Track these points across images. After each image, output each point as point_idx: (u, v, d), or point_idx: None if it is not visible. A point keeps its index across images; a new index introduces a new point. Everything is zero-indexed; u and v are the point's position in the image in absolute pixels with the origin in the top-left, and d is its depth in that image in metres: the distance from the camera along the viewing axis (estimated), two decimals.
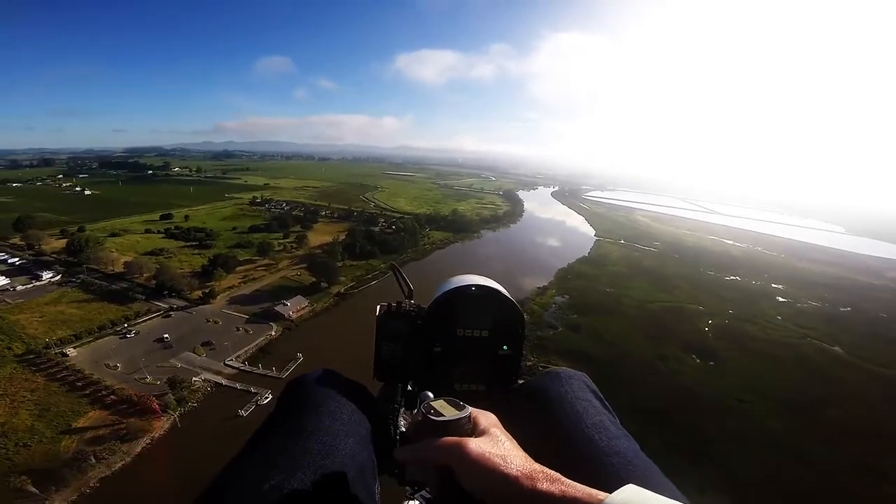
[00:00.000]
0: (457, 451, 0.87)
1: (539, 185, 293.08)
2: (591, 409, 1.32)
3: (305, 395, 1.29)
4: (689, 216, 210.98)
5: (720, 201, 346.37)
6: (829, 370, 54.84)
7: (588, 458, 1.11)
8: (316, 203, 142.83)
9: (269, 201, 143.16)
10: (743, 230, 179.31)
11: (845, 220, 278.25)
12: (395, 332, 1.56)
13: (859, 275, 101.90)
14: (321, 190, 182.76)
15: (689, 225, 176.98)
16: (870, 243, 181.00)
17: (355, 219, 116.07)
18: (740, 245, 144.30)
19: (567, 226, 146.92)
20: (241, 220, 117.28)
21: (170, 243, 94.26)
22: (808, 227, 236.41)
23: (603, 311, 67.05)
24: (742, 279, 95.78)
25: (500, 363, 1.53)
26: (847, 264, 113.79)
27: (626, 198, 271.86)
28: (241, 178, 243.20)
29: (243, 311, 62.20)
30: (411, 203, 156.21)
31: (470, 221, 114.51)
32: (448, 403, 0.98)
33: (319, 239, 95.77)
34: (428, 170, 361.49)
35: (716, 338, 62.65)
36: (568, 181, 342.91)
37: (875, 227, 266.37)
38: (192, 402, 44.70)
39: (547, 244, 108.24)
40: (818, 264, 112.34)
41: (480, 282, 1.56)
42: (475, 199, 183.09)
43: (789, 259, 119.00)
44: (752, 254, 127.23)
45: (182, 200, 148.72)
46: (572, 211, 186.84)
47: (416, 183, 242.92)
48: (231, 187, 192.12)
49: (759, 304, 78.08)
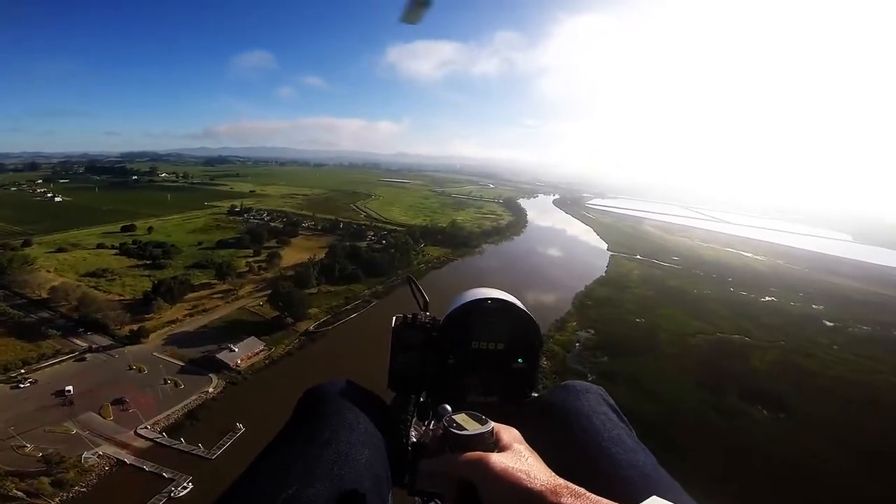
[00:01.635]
0: (480, 466, 0.86)
1: (539, 193, 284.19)
2: (608, 423, 1.30)
3: (322, 404, 1.28)
4: (698, 225, 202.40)
5: (722, 208, 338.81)
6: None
7: (606, 472, 1.09)
8: (300, 213, 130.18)
9: (248, 210, 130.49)
10: (757, 241, 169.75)
11: (850, 228, 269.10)
12: (409, 342, 1.57)
13: (888, 289, 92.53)
14: (310, 198, 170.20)
15: (701, 235, 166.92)
16: (882, 252, 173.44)
17: (341, 232, 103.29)
18: (760, 258, 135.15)
19: (575, 238, 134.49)
20: (212, 234, 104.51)
21: (120, 262, 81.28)
22: (817, 235, 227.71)
23: (637, 349, 54.35)
24: (778, 300, 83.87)
25: (514, 376, 1.53)
26: (871, 277, 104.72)
27: (630, 206, 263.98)
28: (228, 184, 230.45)
29: (179, 356, 49.10)
30: (406, 213, 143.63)
31: (469, 234, 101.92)
32: (470, 417, 0.97)
33: (295, 257, 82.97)
34: (425, 176, 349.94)
35: (774, 377, 51.92)
36: (568, 189, 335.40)
37: (880, 234, 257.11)
38: (80, 486, 32.36)
39: (556, 260, 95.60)
40: (845, 278, 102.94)
41: (496, 295, 1.56)
42: (474, 208, 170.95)
43: (815, 273, 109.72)
44: (776, 268, 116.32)
45: (154, 209, 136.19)
46: (578, 221, 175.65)
47: (411, 190, 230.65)
48: (214, 194, 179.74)
49: (807, 331, 67.15)
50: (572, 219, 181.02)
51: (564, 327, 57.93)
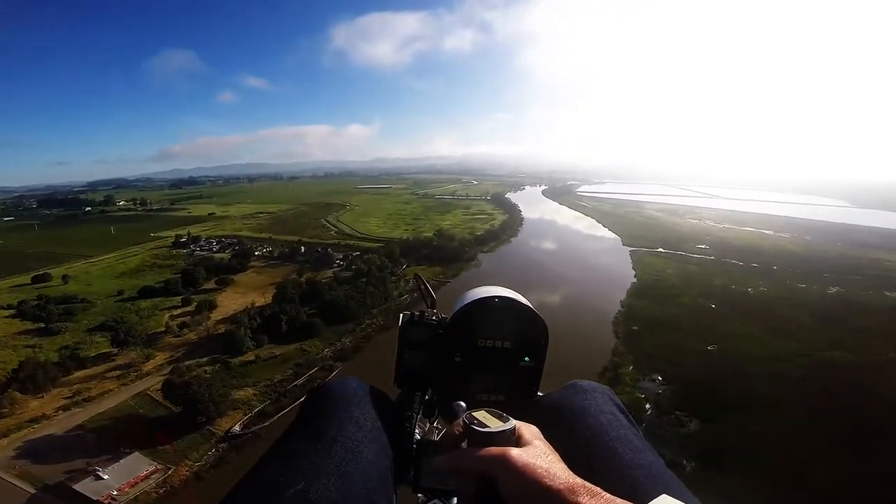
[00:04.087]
0: (503, 461, 0.85)
1: (525, 185, 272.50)
2: (615, 423, 1.29)
3: (329, 401, 1.28)
4: (699, 204, 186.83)
5: (711, 184, 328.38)
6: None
7: (613, 472, 1.08)
8: (258, 236, 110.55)
9: (196, 240, 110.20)
10: (768, 215, 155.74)
11: (845, 194, 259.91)
12: (416, 340, 1.56)
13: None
14: (275, 216, 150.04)
15: (708, 215, 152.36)
16: (887, 215, 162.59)
17: (302, 258, 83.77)
18: (784, 235, 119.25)
19: (581, 233, 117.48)
20: (143, 276, 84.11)
21: (9, 326, 61.45)
22: (817, 203, 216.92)
23: (728, 398, 36.81)
24: (846, 289, 67.75)
25: (521, 374, 1.52)
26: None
27: (620, 190, 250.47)
28: (187, 208, 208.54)
29: (32, 477, 30.19)
30: (384, 223, 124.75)
31: (461, 244, 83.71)
32: (490, 415, 0.97)
33: (238, 301, 63.65)
34: (405, 180, 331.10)
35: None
36: (552, 178, 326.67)
37: (878, 198, 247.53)
38: None
39: (569, 265, 78.01)
40: (887, 252, 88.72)
41: (503, 293, 1.54)
42: (461, 208, 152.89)
43: (851, 249, 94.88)
44: (808, 246, 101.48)
45: (90, 248, 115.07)
46: (575, 211, 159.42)
47: (391, 196, 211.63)
48: (168, 222, 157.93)
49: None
50: (568, 209, 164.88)
51: (619, 375, 40.21)
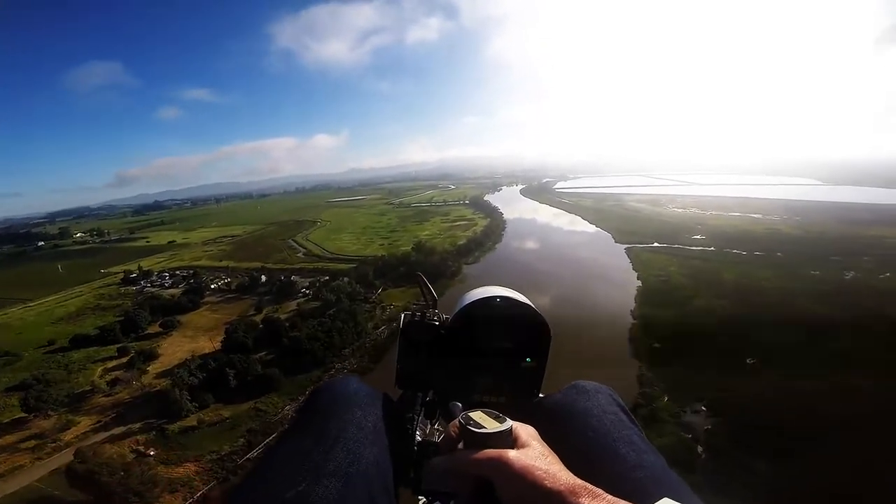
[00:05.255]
0: (499, 464, 0.84)
1: (503, 186, 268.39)
2: (618, 424, 1.27)
3: (330, 401, 1.26)
4: (677, 192, 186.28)
5: (682, 171, 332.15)
6: None
7: (616, 473, 1.07)
8: (218, 265, 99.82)
9: (147, 275, 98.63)
10: (748, 198, 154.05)
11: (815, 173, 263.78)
12: (417, 340, 1.54)
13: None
14: (240, 240, 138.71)
15: (691, 203, 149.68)
16: (865, 192, 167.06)
17: (263, 289, 73.98)
18: (773, 218, 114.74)
19: (569, 232, 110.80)
20: (83, 321, 72.97)
21: None
22: (790, 183, 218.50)
23: (799, 428, 28.85)
24: (860, 273, 62.31)
25: (522, 375, 1.50)
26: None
27: (597, 184, 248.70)
28: (147, 237, 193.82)
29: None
30: (358, 239, 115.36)
31: (442, 257, 75.48)
32: (487, 415, 0.95)
33: (185, 348, 53.73)
34: (380, 189, 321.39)
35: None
36: (528, 176, 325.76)
37: (842, 174, 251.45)
38: None
39: (565, 270, 70.69)
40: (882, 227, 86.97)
41: (505, 293, 1.53)
42: (440, 216, 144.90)
43: (846, 228, 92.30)
44: (803, 228, 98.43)
45: (30, 291, 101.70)
46: (557, 209, 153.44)
47: (365, 208, 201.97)
48: (123, 254, 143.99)
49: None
50: (549, 207, 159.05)
51: (655, 411, 32.40)
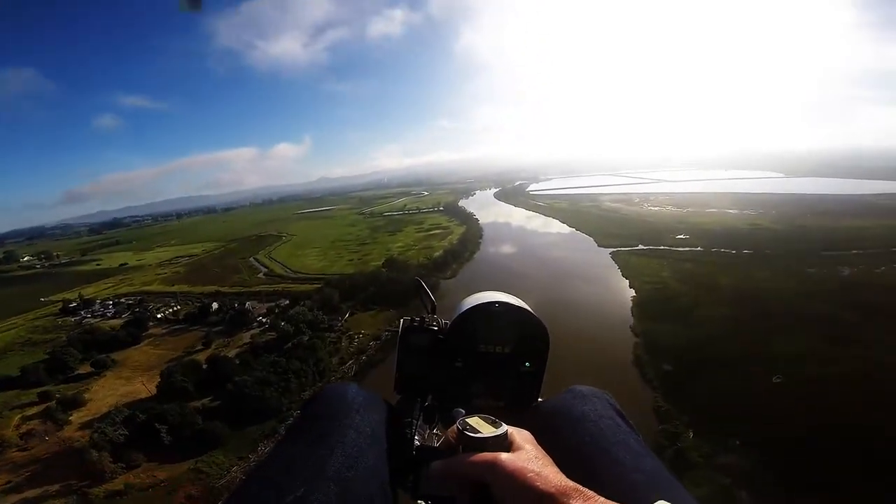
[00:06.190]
0: (493, 467, 0.86)
1: (476, 190, 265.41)
2: (614, 428, 1.28)
3: (329, 406, 1.27)
4: (648, 190, 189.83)
5: (649, 168, 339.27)
6: None
7: (613, 477, 1.08)
8: (170, 289, 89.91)
9: (88, 304, 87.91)
10: (720, 193, 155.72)
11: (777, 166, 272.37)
12: (416, 346, 1.55)
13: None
14: (197, 260, 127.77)
15: (665, 201, 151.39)
16: (827, 182, 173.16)
17: (214, 318, 65.22)
18: (750, 213, 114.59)
19: (549, 237, 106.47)
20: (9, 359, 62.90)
21: None
22: (755, 177, 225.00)
23: (859, 459, 24.10)
24: (856, 268, 60.57)
25: (521, 380, 1.52)
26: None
27: (569, 185, 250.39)
28: (99, 258, 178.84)
29: None
30: (325, 255, 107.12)
31: (416, 273, 68.89)
32: (484, 421, 0.97)
33: (118, 391, 44.98)
34: (351, 198, 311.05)
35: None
36: (502, 179, 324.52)
37: (801, 166, 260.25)
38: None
39: (551, 280, 65.32)
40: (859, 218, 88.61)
41: (504, 298, 1.54)
42: (414, 224, 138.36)
43: (825, 220, 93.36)
44: (783, 222, 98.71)
45: None
46: (533, 212, 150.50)
47: (335, 219, 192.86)
48: (70, 279, 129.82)
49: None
50: (525, 211, 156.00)
51: (683, 453, 26.72)
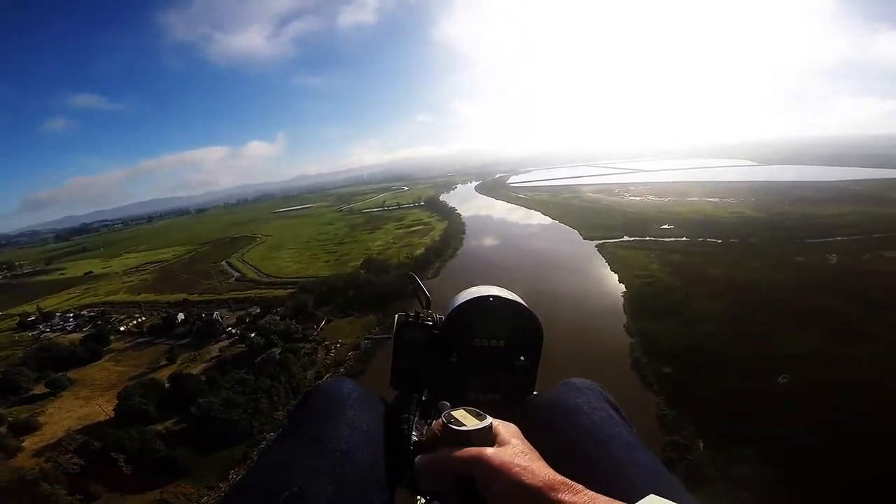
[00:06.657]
0: (479, 461, 0.86)
1: (457, 184, 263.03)
2: (608, 421, 1.28)
3: (324, 403, 1.27)
4: (626, 180, 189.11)
5: (624, 158, 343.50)
6: None
7: (606, 470, 1.07)
8: (136, 299, 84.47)
9: (48, 318, 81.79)
10: (697, 182, 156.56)
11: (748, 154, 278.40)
12: (411, 341, 1.55)
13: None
14: (166, 266, 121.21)
15: (644, 191, 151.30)
16: (798, 170, 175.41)
17: (182, 328, 61.18)
18: (729, 201, 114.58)
19: (531, 230, 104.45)
20: None
21: None
22: (728, 165, 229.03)
23: (886, 465, 22.55)
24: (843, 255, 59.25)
25: (516, 374, 1.53)
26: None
27: (548, 176, 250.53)
28: (64, 267, 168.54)
29: None
30: (300, 256, 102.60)
31: (397, 274, 65.67)
32: (469, 413, 0.97)
33: (75, 413, 40.66)
34: (329, 196, 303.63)
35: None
36: (482, 172, 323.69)
37: (772, 154, 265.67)
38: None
39: (537, 275, 62.91)
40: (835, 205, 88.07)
41: (498, 292, 1.54)
42: (394, 221, 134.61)
43: (803, 207, 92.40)
44: (764, 210, 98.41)
45: None
46: (516, 205, 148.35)
47: (312, 217, 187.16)
48: (31, 291, 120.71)
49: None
50: (507, 203, 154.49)
51: (695, 466, 24.34)
